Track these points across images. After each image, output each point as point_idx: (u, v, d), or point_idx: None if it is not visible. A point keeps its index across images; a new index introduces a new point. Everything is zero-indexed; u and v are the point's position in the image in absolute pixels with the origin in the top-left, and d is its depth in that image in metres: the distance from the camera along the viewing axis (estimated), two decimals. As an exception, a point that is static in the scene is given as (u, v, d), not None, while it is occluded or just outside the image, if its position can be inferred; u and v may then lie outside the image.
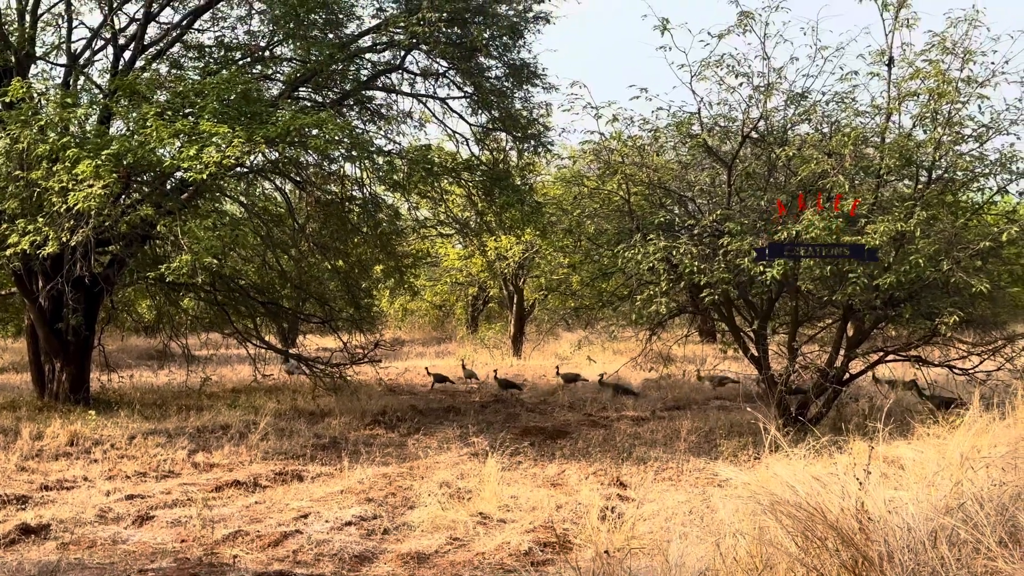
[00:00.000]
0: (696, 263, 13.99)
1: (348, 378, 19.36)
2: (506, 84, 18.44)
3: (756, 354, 15.58)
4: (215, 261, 14.26)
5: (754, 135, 15.26)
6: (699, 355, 26.46)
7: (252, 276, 20.30)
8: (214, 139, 12.90)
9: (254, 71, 18.14)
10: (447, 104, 19.17)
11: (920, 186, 14.40)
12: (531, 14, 18.20)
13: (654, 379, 20.85)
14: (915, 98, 14.40)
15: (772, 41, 14.54)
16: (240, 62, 17.94)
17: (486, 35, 17.32)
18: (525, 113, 18.56)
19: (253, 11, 18.53)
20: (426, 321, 39.52)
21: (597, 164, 16.56)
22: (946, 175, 14.63)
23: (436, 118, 19.46)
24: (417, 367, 25.72)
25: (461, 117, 19.24)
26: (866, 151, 14.47)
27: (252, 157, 14.37)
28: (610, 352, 25.18)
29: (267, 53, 18.32)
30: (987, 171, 14.66)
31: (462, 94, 18.96)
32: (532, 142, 18.77)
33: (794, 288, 14.68)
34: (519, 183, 18.72)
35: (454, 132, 19.44)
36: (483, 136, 19.51)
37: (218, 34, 18.93)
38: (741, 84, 15.05)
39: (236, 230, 16.60)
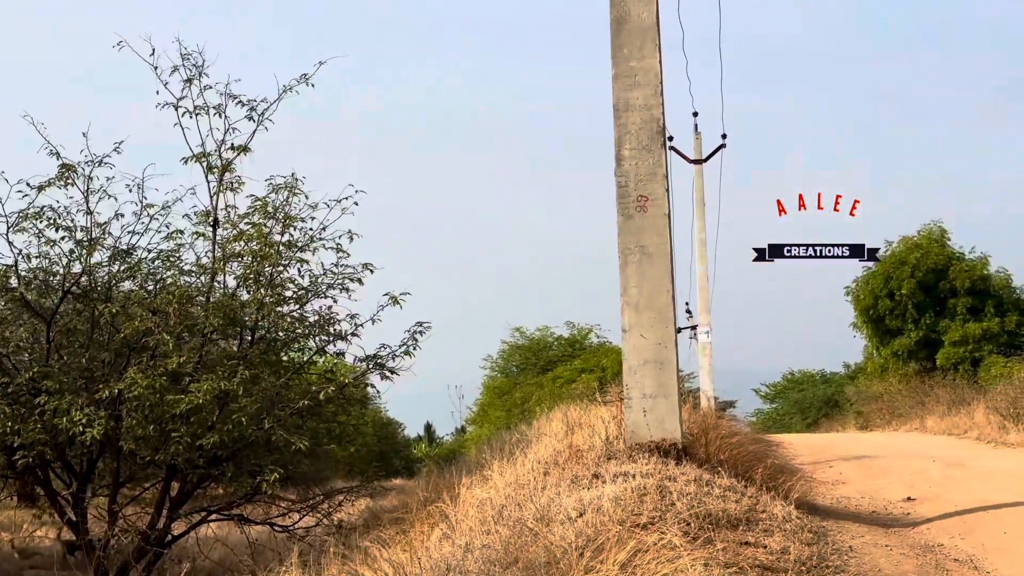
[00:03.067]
0: (9, 423, 13.15)
1: None
2: None
3: (74, 518, 14.83)
4: None
5: (76, 290, 14.76)
6: (16, 521, 24.65)
7: None
8: None
9: None
10: None
11: (244, 345, 14.77)
12: None
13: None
14: (239, 259, 14.84)
15: (96, 196, 14.33)
16: None
17: None
18: None
19: None
20: None
21: None
22: (269, 335, 15.14)
23: None
24: None
25: None
26: (191, 310, 14.54)
27: None
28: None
29: None
30: (307, 332, 15.43)
31: None
32: None
33: (116, 449, 14.25)
34: None
35: None
36: None
37: None
38: (63, 238, 14.56)
39: None
